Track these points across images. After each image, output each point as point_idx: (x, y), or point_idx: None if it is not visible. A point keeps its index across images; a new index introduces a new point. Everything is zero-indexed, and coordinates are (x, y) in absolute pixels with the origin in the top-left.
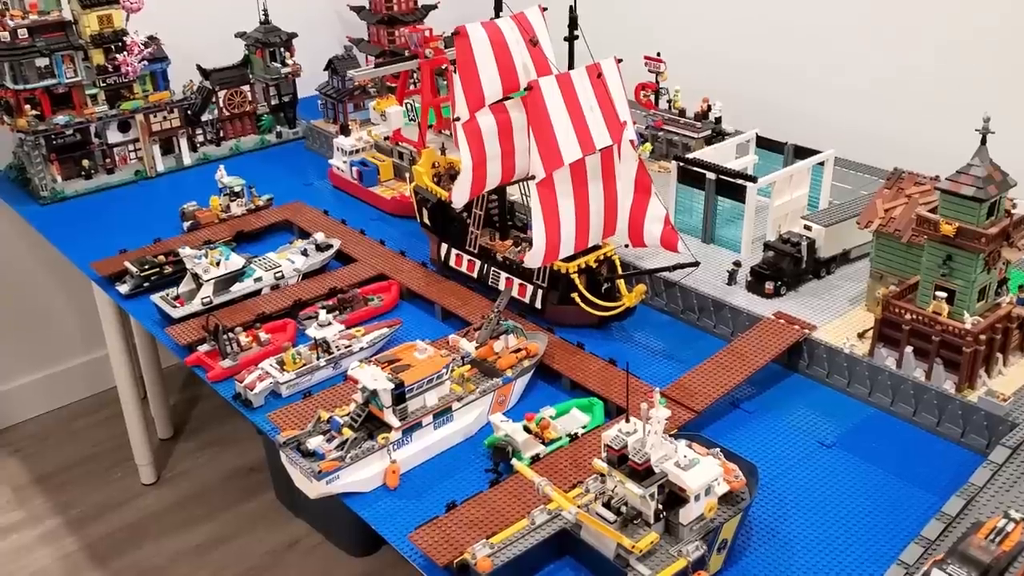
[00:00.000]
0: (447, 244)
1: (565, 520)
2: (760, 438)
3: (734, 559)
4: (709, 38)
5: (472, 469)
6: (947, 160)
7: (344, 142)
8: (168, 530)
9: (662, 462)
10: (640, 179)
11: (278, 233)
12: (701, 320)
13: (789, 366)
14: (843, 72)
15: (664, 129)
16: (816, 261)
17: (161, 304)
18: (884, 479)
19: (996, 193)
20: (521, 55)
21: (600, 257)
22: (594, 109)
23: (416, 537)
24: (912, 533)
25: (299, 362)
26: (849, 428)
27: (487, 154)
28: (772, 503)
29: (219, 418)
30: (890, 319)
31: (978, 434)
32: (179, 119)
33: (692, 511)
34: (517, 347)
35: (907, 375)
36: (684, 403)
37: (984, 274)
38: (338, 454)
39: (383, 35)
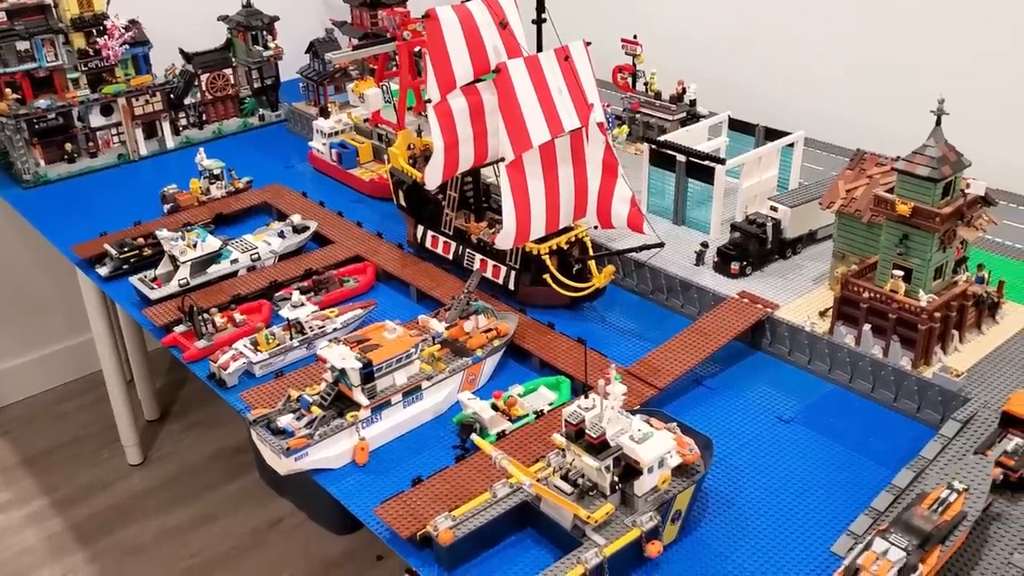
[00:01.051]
0: (423, 226)
1: (526, 493)
2: (721, 414)
3: (689, 529)
4: (685, 21)
5: (440, 446)
6: (914, 142)
7: (323, 124)
8: (154, 510)
9: (617, 436)
10: (607, 161)
11: (257, 215)
12: (669, 300)
13: (752, 344)
14: (817, 57)
15: (640, 111)
16: (782, 242)
17: (139, 286)
18: (840, 453)
19: (950, 173)
20: (491, 37)
21: (571, 239)
22: (563, 92)
23: (381, 511)
24: (864, 504)
25: (272, 343)
26: (808, 404)
27: (459, 136)
28: (729, 476)
29: (204, 400)
30: (849, 297)
31: (932, 409)
32: (161, 103)
33: (646, 483)
34: (487, 327)
35: (865, 352)
36: (648, 380)
37: (940, 253)
38: (307, 432)
39: (366, 17)
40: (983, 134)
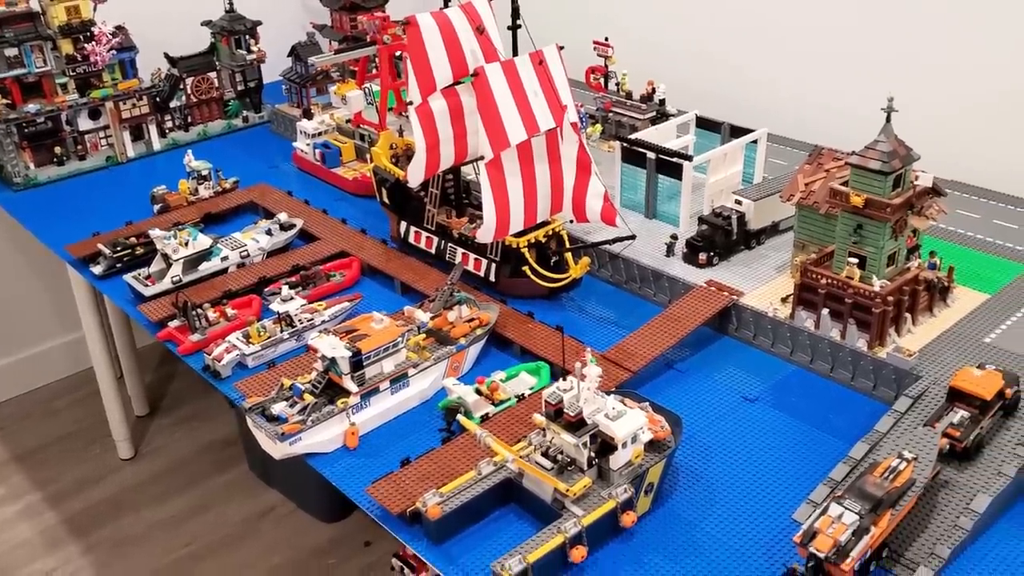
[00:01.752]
0: (406, 222)
1: (509, 470)
2: (690, 394)
3: (661, 501)
4: (655, 25)
5: (427, 430)
6: (868, 138)
7: (307, 125)
8: (146, 502)
9: (593, 414)
10: (581, 158)
11: (244, 214)
12: (642, 289)
13: (720, 329)
14: (779, 59)
15: (612, 111)
16: (746, 233)
17: (133, 283)
18: (801, 429)
19: (900, 167)
20: (469, 43)
21: (549, 232)
22: (538, 94)
23: (373, 490)
24: (823, 475)
25: (264, 335)
26: (772, 384)
27: (440, 136)
28: (698, 451)
29: (193, 395)
30: (808, 284)
31: (887, 387)
32: (148, 106)
33: (620, 457)
34: (470, 317)
35: (824, 335)
36: (622, 364)
37: (892, 241)
38: (300, 418)
39: (345, 21)
40: (935, 128)
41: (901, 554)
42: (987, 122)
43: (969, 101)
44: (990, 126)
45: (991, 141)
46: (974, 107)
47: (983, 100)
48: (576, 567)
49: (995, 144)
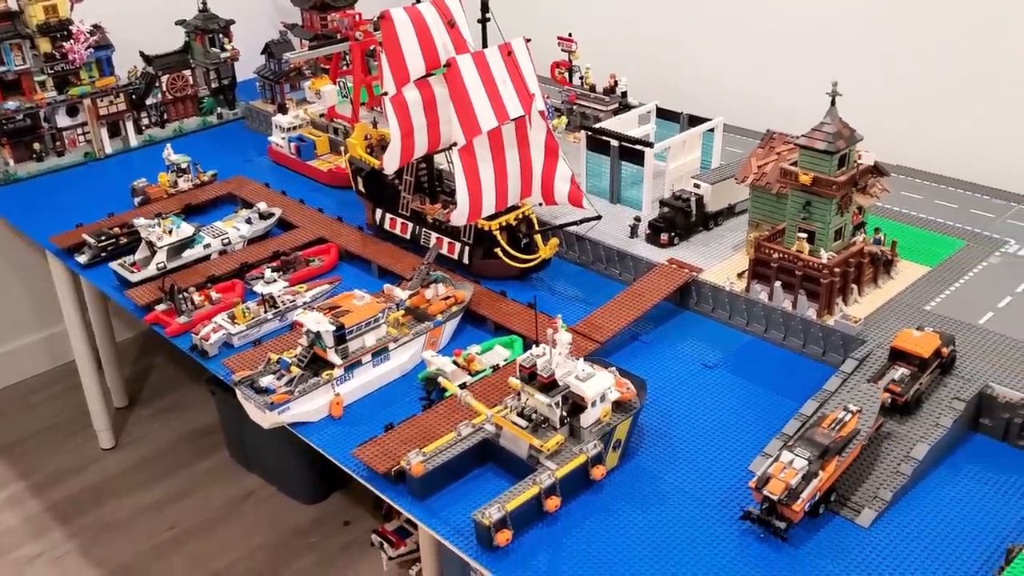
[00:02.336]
0: (381, 209)
1: (487, 431)
2: (654, 363)
3: (628, 457)
4: (615, 20)
5: (408, 400)
6: (816, 121)
7: (282, 120)
8: (128, 489)
9: (565, 376)
10: (549, 144)
11: (223, 205)
12: (608, 269)
13: (681, 304)
14: (732, 51)
15: (577, 103)
16: (705, 215)
17: (119, 270)
18: (757, 392)
19: (845, 147)
20: (441, 36)
21: (519, 216)
22: (507, 83)
23: (359, 452)
24: (777, 431)
25: (249, 316)
26: (730, 352)
27: (414, 125)
28: (661, 413)
29: (172, 387)
30: (761, 258)
31: (835, 352)
32: (125, 103)
33: (590, 416)
34: (446, 295)
35: (777, 306)
36: (590, 336)
37: (838, 217)
38: (287, 389)
39: (316, 20)
40: (881, 117)
41: (848, 498)
42: (928, 110)
43: (911, 90)
44: (931, 113)
45: (932, 127)
46: (916, 96)
47: (923, 89)
48: (551, 516)
49: (935, 130)
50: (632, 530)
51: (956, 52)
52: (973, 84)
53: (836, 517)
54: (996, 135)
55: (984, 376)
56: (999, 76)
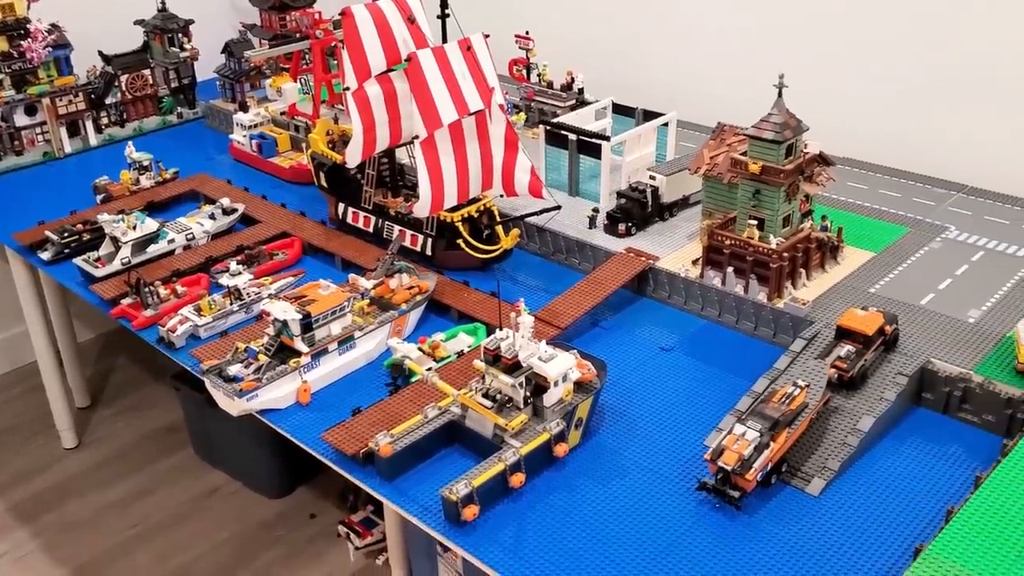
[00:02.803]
0: (344, 203)
1: (452, 412)
2: (613, 347)
3: (590, 435)
4: (571, 18)
5: (374, 386)
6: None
7: (243, 118)
8: (92, 488)
9: (528, 358)
10: (508, 136)
11: (185, 203)
12: (568, 259)
13: (638, 291)
14: (685, 48)
15: (535, 100)
16: (660, 206)
17: (83, 266)
18: (712, 372)
19: (792, 136)
20: (401, 32)
21: (481, 208)
22: (466, 77)
23: (328, 436)
24: (731, 408)
25: (215, 308)
26: (685, 336)
27: (376, 119)
28: (620, 393)
29: (135, 386)
30: (714, 246)
31: (785, 333)
32: (84, 102)
33: (553, 395)
34: (410, 285)
35: (729, 291)
36: (551, 322)
37: (786, 204)
38: (255, 376)
39: (275, 20)
40: (833, 109)
41: (798, 468)
42: (872, 103)
43: (857, 86)
44: (876, 107)
45: (876, 121)
46: (862, 91)
47: (868, 85)
48: (516, 491)
49: (880, 123)
50: (594, 503)
51: (897, 49)
52: (915, 79)
53: (787, 487)
54: (938, 127)
55: (926, 352)
56: (939, 71)
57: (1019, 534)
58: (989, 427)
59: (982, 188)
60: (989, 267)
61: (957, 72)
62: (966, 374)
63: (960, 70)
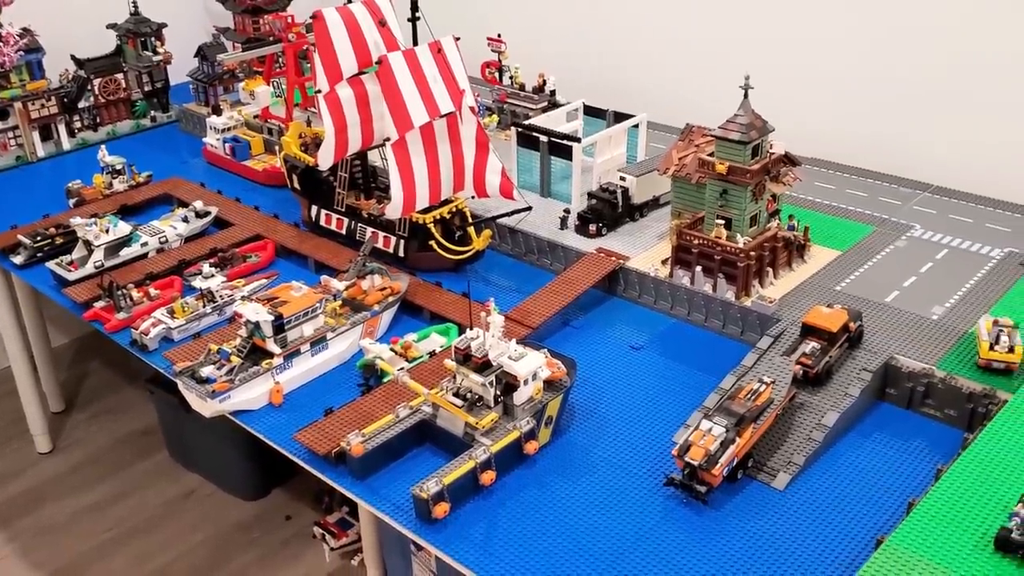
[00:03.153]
0: (317, 206)
1: (424, 412)
2: (584, 346)
3: (560, 432)
4: (543, 20)
5: (347, 387)
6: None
7: (216, 121)
8: (67, 492)
9: (498, 357)
10: (479, 138)
11: (159, 206)
12: (540, 260)
13: (609, 291)
14: (656, 51)
15: (508, 102)
16: (631, 206)
17: (56, 269)
18: (681, 370)
19: (757, 137)
20: (372, 34)
21: (452, 209)
22: (437, 80)
23: (300, 436)
24: (699, 405)
25: (188, 310)
26: (655, 335)
27: (347, 121)
28: (591, 392)
29: (109, 390)
30: (683, 245)
31: (753, 331)
32: (56, 106)
33: (523, 394)
34: (382, 286)
35: (698, 289)
36: (523, 322)
37: (753, 204)
38: (228, 378)
39: (248, 24)
40: (801, 112)
41: (764, 463)
42: (839, 106)
43: (826, 89)
44: (842, 110)
45: (844, 121)
46: (830, 94)
47: (837, 88)
48: (487, 489)
49: (848, 124)
50: (564, 500)
51: (864, 53)
52: (881, 82)
53: (753, 481)
54: (904, 128)
55: (890, 349)
56: (905, 74)
57: (977, 524)
58: (951, 421)
59: (948, 187)
60: (953, 265)
61: (922, 74)
62: (929, 370)
63: (925, 73)
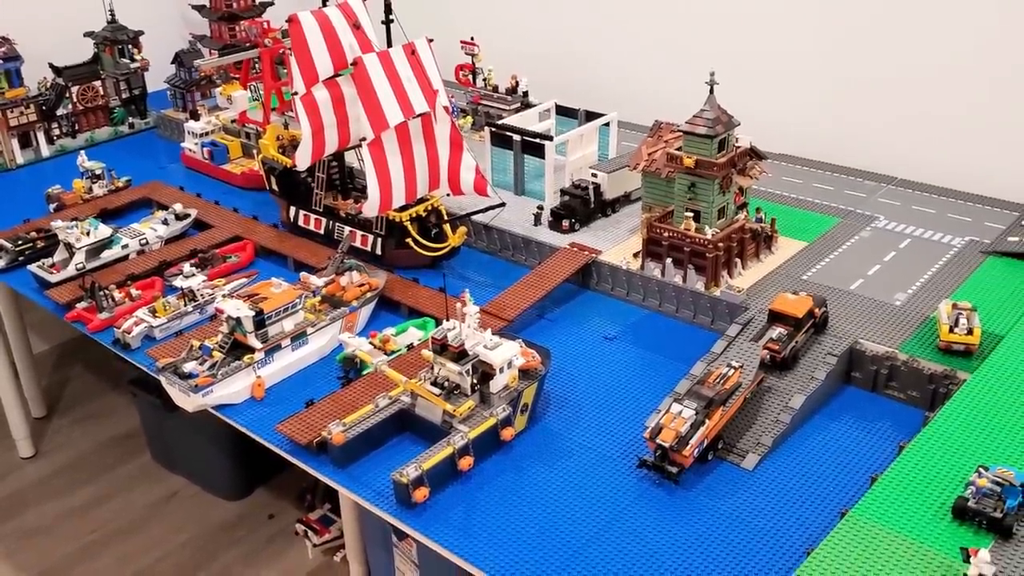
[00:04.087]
0: (295, 206)
1: (403, 401)
2: (559, 337)
3: (536, 420)
4: (516, 23)
5: (327, 380)
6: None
7: (194, 126)
8: (50, 495)
9: (474, 347)
10: (453, 136)
11: (138, 210)
12: (515, 255)
13: (583, 285)
14: (624, 49)
15: (481, 103)
16: (603, 202)
17: (38, 272)
18: (653, 359)
19: (723, 131)
20: (347, 37)
21: (428, 207)
22: (411, 80)
23: (282, 427)
24: (670, 392)
25: (169, 309)
26: (628, 326)
27: (324, 122)
28: (566, 380)
29: (91, 395)
30: (653, 238)
31: (723, 320)
32: (35, 114)
33: (499, 382)
34: (361, 282)
35: (669, 281)
36: (498, 315)
37: (721, 196)
38: (210, 373)
39: (224, 31)
40: (770, 108)
41: (734, 445)
42: (805, 101)
43: (792, 87)
44: (809, 107)
45: (811, 118)
46: (796, 92)
47: (800, 83)
48: (465, 474)
49: (814, 121)
50: (540, 484)
51: (828, 53)
52: (847, 79)
53: (723, 462)
54: (869, 123)
55: (854, 334)
56: (869, 72)
57: (936, 495)
58: (914, 402)
59: (911, 180)
60: (916, 253)
61: (885, 73)
62: (892, 353)
63: (888, 71)
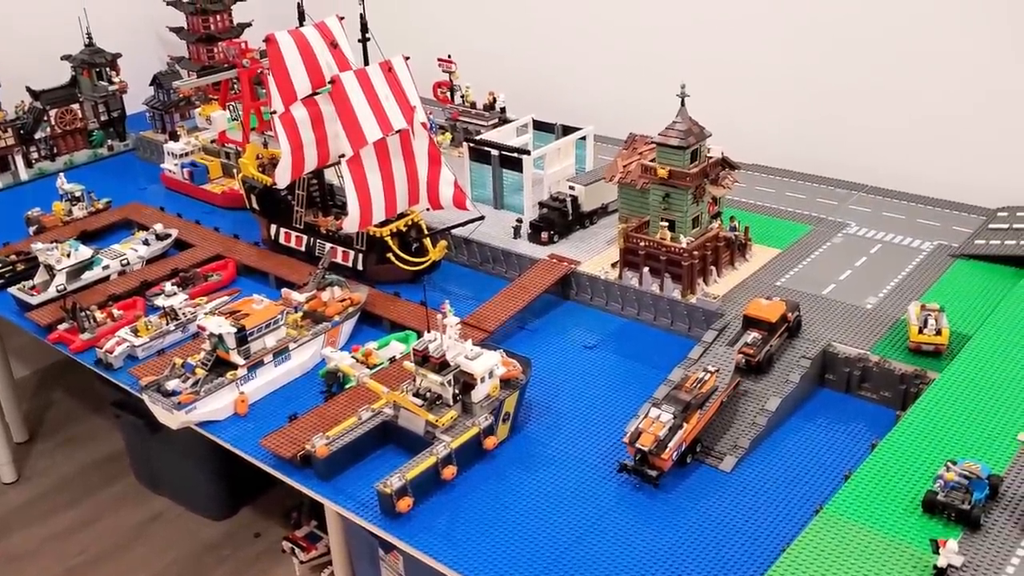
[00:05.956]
0: (276, 224)
1: (386, 413)
2: (539, 347)
3: (518, 428)
4: (492, 40)
5: (310, 395)
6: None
7: (174, 146)
8: (35, 520)
9: (455, 357)
10: (432, 151)
11: (119, 231)
12: (495, 268)
13: (562, 295)
14: (599, 64)
15: (459, 120)
16: (580, 214)
17: (19, 294)
18: (632, 366)
19: (696, 142)
20: (324, 56)
21: (408, 222)
22: (389, 98)
23: (266, 441)
24: (649, 397)
25: (151, 328)
26: (607, 335)
27: (303, 140)
28: (547, 390)
29: (74, 419)
30: (630, 248)
31: (699, 327)
32: (13, 138)
33: (480, 392)
34: (342, 297)
35: (646, 289)
36: (479, 326)
37: (694, 206)
38: (193, 390)
39: (202, 52)
40: (743, 118)
41: (712, 448)
42: (777, 112)
43: (761, 96)
44: (780, 115)
45: (782, 127)
46: (766, 101)
47: (771, 94)
48: (448, 483)
49: (785, 129)
50: (523, 491)
51: (799, 65)
52: (820, 91)
53: (702, 465)
54: (840, 132)
55: (827, 337)
56: (840, 81)
57: (907, 490)
58: (887, 402)
59: (881, 187)
60: (886, 258)
61: (855, 83)
62: (864, 355)
63: (858, 81)
